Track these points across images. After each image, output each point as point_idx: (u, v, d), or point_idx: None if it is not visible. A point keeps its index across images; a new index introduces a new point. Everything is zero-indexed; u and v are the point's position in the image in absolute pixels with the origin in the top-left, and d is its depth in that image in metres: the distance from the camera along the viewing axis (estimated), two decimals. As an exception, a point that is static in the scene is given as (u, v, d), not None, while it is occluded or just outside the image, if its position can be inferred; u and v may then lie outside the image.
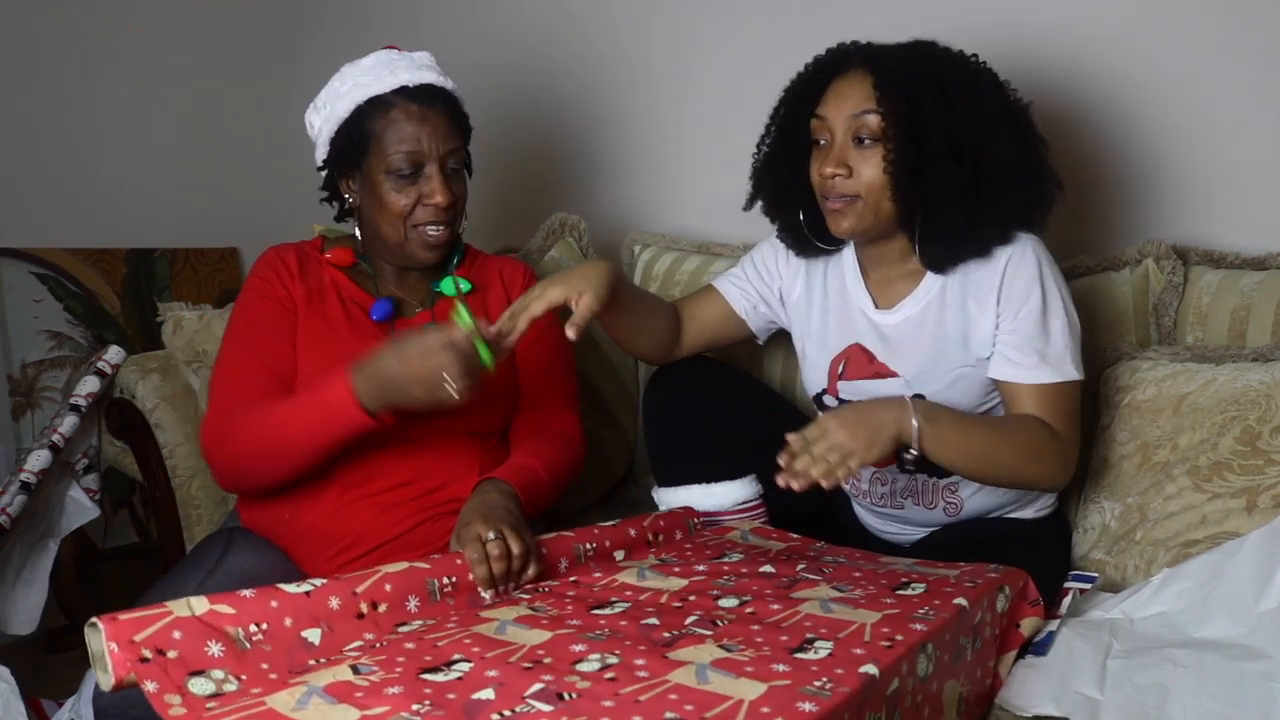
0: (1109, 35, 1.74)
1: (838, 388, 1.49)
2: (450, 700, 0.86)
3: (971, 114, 1.31)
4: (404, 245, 1.50)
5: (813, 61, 1.43)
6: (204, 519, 1.74)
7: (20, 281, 2.35)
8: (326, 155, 1.51)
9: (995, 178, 1.32)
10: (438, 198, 1.46)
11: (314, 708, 0.85)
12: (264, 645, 0.95)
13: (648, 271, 2.07)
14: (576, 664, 0.94)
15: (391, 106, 1.45)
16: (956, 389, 1.41)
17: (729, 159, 2.19)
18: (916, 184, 1.32)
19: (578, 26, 2.37)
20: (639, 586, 1.18)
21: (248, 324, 1.49)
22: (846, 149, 1.34)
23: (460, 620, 1.07)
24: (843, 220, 1.37)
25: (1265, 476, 1.35)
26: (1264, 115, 1.64)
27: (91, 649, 0.89)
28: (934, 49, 1.38)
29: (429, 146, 1.46)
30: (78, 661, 0.93)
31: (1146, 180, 1.75)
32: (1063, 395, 1.37)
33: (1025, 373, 1.36)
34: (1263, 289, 1.55)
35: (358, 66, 1.49)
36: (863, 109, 1.32)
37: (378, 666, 0.93)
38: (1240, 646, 1.17)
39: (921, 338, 1.43)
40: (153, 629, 0.89)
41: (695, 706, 0.85)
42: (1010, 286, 1.36)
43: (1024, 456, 1.33)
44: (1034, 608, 1.27)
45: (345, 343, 1.47)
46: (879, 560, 1.31)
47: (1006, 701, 1.19)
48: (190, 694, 0.87)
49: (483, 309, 1.56)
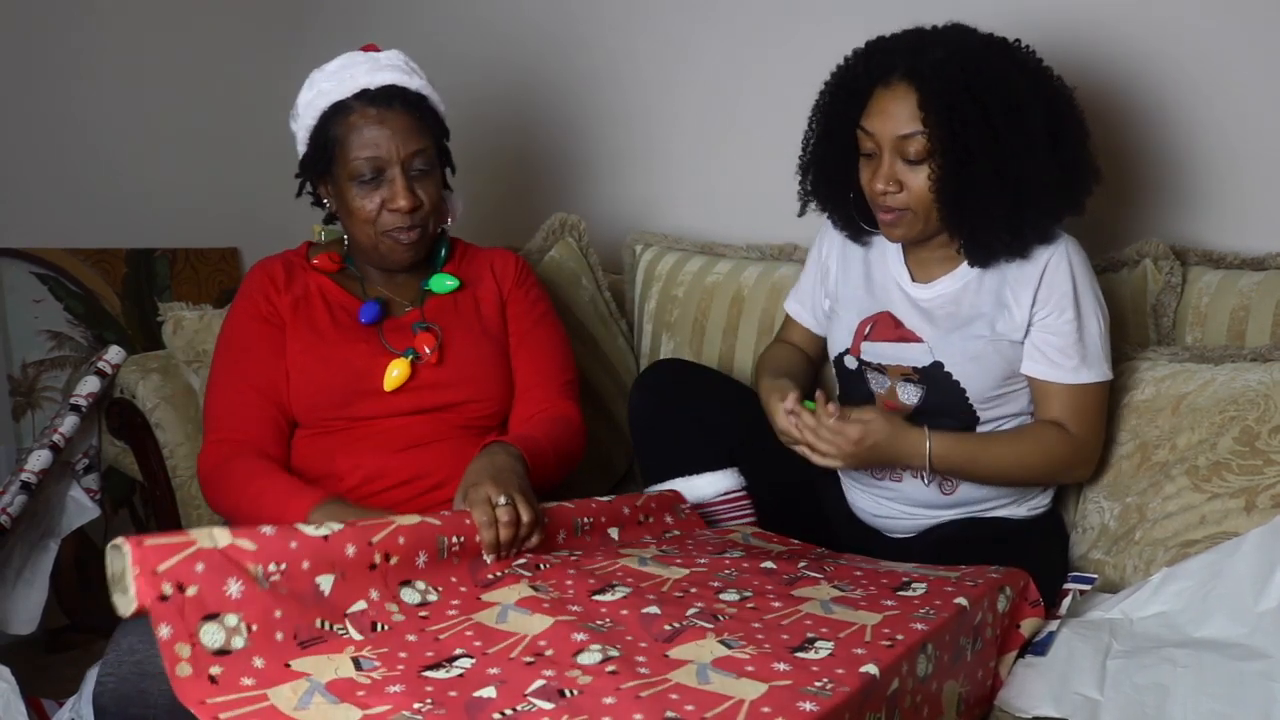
0: (1109, 35, 1.74)
1: (861, 348, 1.52)
2: (452, 698, 0.86)
3: (1014, 132, 1.34)
4: (377, 249, 1.50)
5: (855, 60, 1.45)
6: (204, 519, 1.74)
7: (20, 281, 2.35)
8: (301, 161, 1.52)
9: (1037, 192, 1.37)
10: (400, 201, 1.45)
11: (316, 707, 0.85)
12: (281, 588, 0.95)
13: (650, 272, 2.07)
14: (577, 655, 0.94)
15: (351, 111, 1.45)
16: (976, 364, 1.44)
17: (729, 159, 2.20)
18: (962, 199, 1.38)
19: (576, 26, 2.37)
20: (640, 572, 1.18)
21: (236, 346, 1.49)
22: (895, 165, 1.39)
23: (462, 606, 1.06)
24: (895, 229, 1.44)
25: (1264, 476, 1.36)
26: (1264, 115, 1.64)
27: (112, 570, 0.88)
28: (972, 45, 1.39)
29: (389, 150, 1.44)
30: (78, 661, 0.93)
31: (1146, 180, 1.75)
32: (1093, 394, 1.44)
33: (1064, 374, 1.43)
34: (1262, 289, 1.55)
35: (323, 72, 1.49)
36: (909, 130, 1.36)
37: (379, 661, 0.93)
38: (1240, 646, 1.17)
39: (952, 311, 1.48)
40: (177, 558, 0.90)
41: (696, 706, 0.85)
42: (1050, 287, 1.42)
43: (1040, 473, 1.46)
44: (1034, 608, 1.27)
45: (333, 347, 1.48)
46: (880, 563, 1.31)
47: (1006, 702, 1.19)
48: (200, 645, 0.87)
49: (472, 303, 1.57)
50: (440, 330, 1.52)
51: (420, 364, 1.49)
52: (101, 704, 1.20)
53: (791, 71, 2.08)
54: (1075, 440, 1.44)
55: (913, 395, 1.48)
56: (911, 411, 1.48)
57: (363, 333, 1.50)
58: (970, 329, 1.45)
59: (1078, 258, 1.44)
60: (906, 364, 1.48)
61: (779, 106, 2.10)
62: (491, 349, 1.55)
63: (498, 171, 2.44)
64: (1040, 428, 1.44)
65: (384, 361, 1.48)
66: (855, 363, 1.53)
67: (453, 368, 1.51)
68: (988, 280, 1.46)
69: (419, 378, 1.49)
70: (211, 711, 0.83)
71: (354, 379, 1.46)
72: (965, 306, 1.47)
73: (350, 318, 1.51)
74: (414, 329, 1.52)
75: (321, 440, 1.48)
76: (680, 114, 2.25)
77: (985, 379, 1.44)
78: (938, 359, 1.46)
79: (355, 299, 1.54)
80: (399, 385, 1.47)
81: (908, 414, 1.47)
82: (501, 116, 2.44)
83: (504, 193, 2.46)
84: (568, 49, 2.39)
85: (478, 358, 1.53)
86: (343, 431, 1.48)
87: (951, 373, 1.45)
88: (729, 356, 1.94)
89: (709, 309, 1.97)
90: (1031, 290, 1.43)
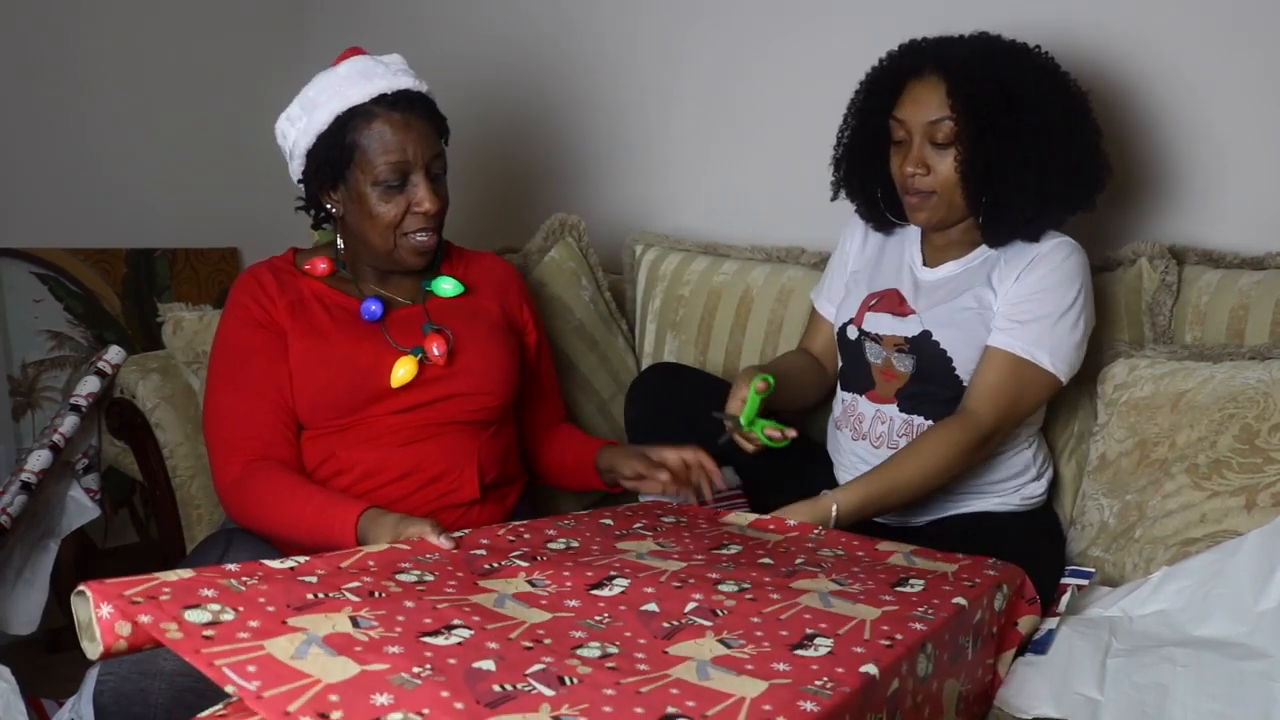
0: (1108, 34, 1.74)
1: (864, 318, 1.59)
2: (451, 665, 0.85)
3: (1035, 118, 1.43)
4: (393, 253, 1.50)
5: (888, 59, 1.55)
6: (204, 519, 1.74)
7: (20, 281, 2.35)
8: (304, 167, 1.49)
9: (1056, 175, 1.45)
10: (427, 205, 1.46)
11: (313, 657, 0.84)
12: (260, 586, 0.95)
13: (653, 272, 2.07)
14: (576, 649, 0.93)
15: (374, 116, 1.44)
16: (960, 331, 1.50)
17: (728, 159, 2.21)
18: (986, 181, 1.45)
19: (573, 27, 2.37)
20: (638, 564, 1.18)
21: (236, 355, 1.48)
22: (924, 149, 1.48)
23: (459, 585, 1.06)
24: (920, 213, 1.52)
25: (1264, 475, 1.36)
26: (1264, 115, 1.64)
27: (79, 618, 0.88)
28: (998, 46, 1.49)
29: (414, 154, 1.45)
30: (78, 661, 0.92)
31: (1146, 180, 1.75)
32: (1018, 373, 1.46)
33: (1013, 341, 1.46)
34: (1261, 288, 1.55)
35: (333, 74, 1.47)
36: (938, 116, 1.45)
37: (377, 622, 0.92)
38: (1240, 645, 1.17)
39: (948, 287, 1.55)
40: (143, 586, 0.89)
41: (697, 703, 0.84)
42: (1038, 265, 1.48)
43: (950, 473, 1.46)
44: (1030, 605, 1.27)
45: (337, 345, 1.47)
46: (876, 548, 1.31)
47: (1006, 701, 1.19)
48: (187, 621, 0.86)
49: (477, 307, 1.58)
50: (451, 334, 1.52)
51: (427, 364, 1.49)
52: (102, 703, 1.20)
53: (791, 72, 2.09)
54: (979, 425, 1.44)
55: (908, 364, 1.54)
56: (907, 379, 1.53)
57: (365, 330, 1.50)
58: (958, 301, 1.52)
59: (1078, 256, 1.50)
60: (899, 334, 1.54)
61: (779, 107, 2.11)
62: (498, 351, 1.56)
63: (497, 172, 2.44)
64: (938, 431, 1.46)
65: (389, 359, 1.47)
66: (856, 333, 1.59)
67: (460, 368, 1.51)
68: (986, 264, 1.53)
69: (424, 375, 1.49)
70: (207, 659, 0.81)
71: (360, 377, 1.46)
72: (959, 284, 1.54)
73: (350, 317, 1.51)
74: (424, 329, 1.52)
75: (322, 438, 1.48)
76: (679, 115, 2.26)
77: (970, 349, 1.50)
78: (926, 328, 1.51)
79: (353, 299, 1.53)
80: (405, 384, 1.47)
81: (904, 383, 1.54)
82: (500, 118, 2.44)
83: (504, 193, 2.46)
84: (566, 50, 2.39)
85: (483, 357, 1.53)
86: (345, 430, 1.48)
87: (939, 341, 1.50)
88: (735, 356, 1.94)
89: (716, 309, 1.97)
90: (1019, 269, 1.49)
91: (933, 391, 1.52)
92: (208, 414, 1.49)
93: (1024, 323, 1.46)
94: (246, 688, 0.78)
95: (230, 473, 1.43)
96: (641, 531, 1.33)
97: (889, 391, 1.55)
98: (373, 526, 1.28)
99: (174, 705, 1.19)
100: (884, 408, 1.56)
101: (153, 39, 2.55)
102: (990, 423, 1.45)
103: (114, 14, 2.47)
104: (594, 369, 1.98)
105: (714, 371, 1.91)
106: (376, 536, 1.26)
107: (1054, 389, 1.49)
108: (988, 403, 1.45)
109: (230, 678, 0.79)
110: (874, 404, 1.57)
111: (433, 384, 1.49)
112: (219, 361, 1.49)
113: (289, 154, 1.51)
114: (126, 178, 2.52)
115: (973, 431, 1.44)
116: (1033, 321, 1.46)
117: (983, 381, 1.46)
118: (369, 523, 1.29)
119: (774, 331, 1.91)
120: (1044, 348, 1.45)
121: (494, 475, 1.53)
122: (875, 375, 1.57)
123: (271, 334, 1.48)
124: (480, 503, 1.51)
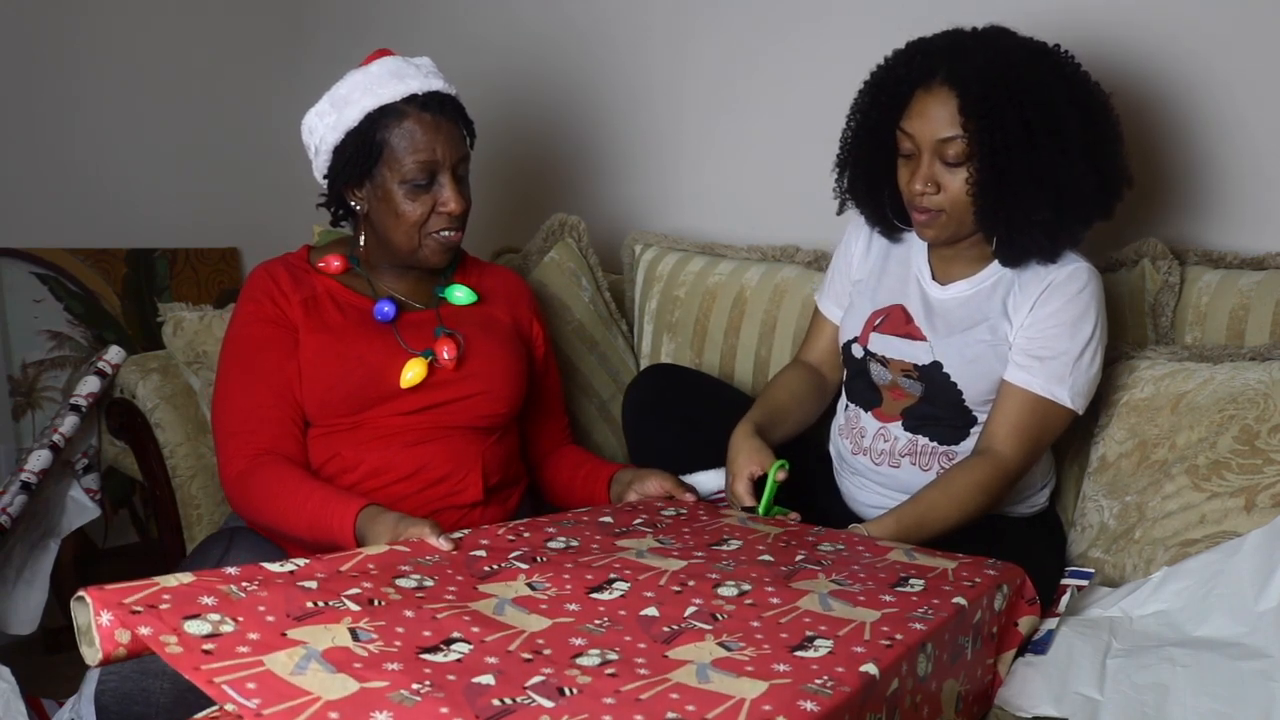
0: (1108, 34, 1.74)
1: (869, 338, 1.54)
2: (450, 682, 0.86)
3: (1051, 139, 1.35)
4: (416, 251, 1.51)
5: (894, 61, 1.45)
6: (204, 519, 1.75)
7: (20, 281, 2.35)
8: (330, 163, 1.50)
9: (1072, 198, 1.38)
10: (452, 205, 1.48)
11: (312, 673, 0.84)
12: (259, 593, 0.95)
13: (651, 272, 2.08)
14: (576, 658, 0.94)
15: (405, 116, 1.46)
16: (973, 367, 1.45)
17: (728, 160, 2.21)
18: (999, 202, 1.38)
19: (574, 29, 2.37)
20: (638, 564, 1.18)
21: (248, 350, 1.48)
22: (934, 167, 1.40)
23: (459, 591, 1.06)
24: (928, 230, 1.45)
25: (1264, 475, 1.36)
26: (1264, 116, 1.64)
27: (78, 623, 0.88)
28: (1014, 52, 1.39)
29: (442, 155, 1.47)
30: (78, 661, 0.92)
31: (1146, 180, 1.75)
32: (1040, 412, 1.42)
33: (1033, 379, 1.41)
34: (1261, 289, 1.55)
35: (365, 73, 1.48)
36: (949, 134, 1.37)
37: (377, 635, 0.92)
38: (1240, 646, 1.17)
39: (961, 314, 1.49)
40: (143, 593, 0.89)
41: (697, 706, 0.85)
42: (1053, 294, 1.42)
43: (984, 509, 1.41)
44: (1030, 605, 1.27)
45: (350, 342, 1.48)
46: (875, 544, 1.31)
47: (1006, 701, 1.19)
48: (186, 634, 0.86)
49: (490, 317, 1.60)
50: (462, 339, 1.53)
51: (437, 367, 1.50)
52: (103, 703, 1.20)
53: (792, 72, 2.09)
54: (1005, 465, 1.41)
55: (915, 389, 1.50)
56: (916, 400, 1.50)
57: (377, 330, 1.51)
58: (972, 333, 1.46)
59: (1094, 284, 1.44)
60: (908, 360, 1.49)
61: (778, 107, 2.11)
62: (507, 360, 1.56)
63: (497, 173, 2.44)
64: (966, 470, 1.42)
65: (400, 360, 1.48)
66: (861, 352, 1.55)
67: (468, 373, 1.52)
68: (1000, 287, 1.47)
69: (433, 378, 1.49)
70: (206, 676, 0.81)
71: (370, 375, 1.47)
72: (973, 310, 1.48)
73: (363, 316, 1.52)
74: (436, 332, 1.52)
75: (329, 436, 1.48)
76: (679, 115, 2.26)
77: (982, 382, 1.45)
78: (937, 359, 1.47)
79: (365, 298, 1.54)
80: (414, 385, 1.48)
81: (911, 403, 1.50)
82: (501, 118, 2.44)
83: (504, 194, 2.46)
84: (566, 51, 2.39)
85: (492, 364, 1.54)
86: (351, 429, 1.48)
87: (950, 374, 1.46)
88: (730, 357, 1.94)
89: (711, 310, 1.97)
90: (1032, 299, 1.43)
91: (939, 415, 1.49)
92: (216, 407, 1.49)
93: (1043, 360, 1.41)
94: (246, 705, 0.78)
95: (236, 465, 1.43)
96: (641, 528, 1.33)
97: (895, 410, 1.52)
98: (371, 524, 1.28)
99: (175, 705, 1.19)
100: (888, 426, 1.53)
101: (153, 40, 2.55)
102: (1017, 464, 1.42)
103: (114, 15, 2.48)
104: (594, 369, 1.98)
105: (710, 374, 1.91)
106: (375, 534, 1.26)
107: (1071, 421, 1.46)
108: (1013, 443, 1.41)
109: (230, 695, 0.79)
110: (878, 421, 1.53)
111: (441, 387, 1.50)
112: (230, 356, 1.50)
113: (314, 150, 1.51)
114: (127, 178, 2.52)
115: (1001, 472, 1.41)
116: (1051, 359, 1.41)
117: (1005, 420, 1.42)
118: (368, 520, 1.29)
119: (768, 332, 1.91)
120: (1064, 385, 1.41)
121: (498, 479, 1.54)
122: (883, 393, 1.53)
123: (283, 330, 1.49)
124: (483, 505, 1.51)
